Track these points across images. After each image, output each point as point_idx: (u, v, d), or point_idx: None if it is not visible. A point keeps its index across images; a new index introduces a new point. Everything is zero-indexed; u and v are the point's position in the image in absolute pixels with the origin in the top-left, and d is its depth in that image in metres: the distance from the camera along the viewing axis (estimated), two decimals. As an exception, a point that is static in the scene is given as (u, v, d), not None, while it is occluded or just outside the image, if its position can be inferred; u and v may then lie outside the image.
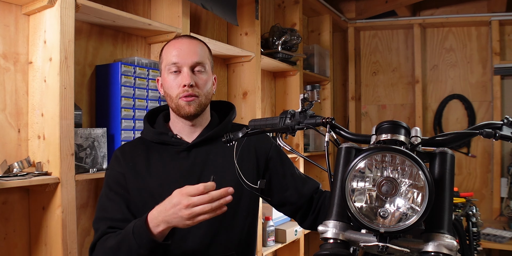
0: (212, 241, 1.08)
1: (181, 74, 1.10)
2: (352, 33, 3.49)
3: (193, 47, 1.12)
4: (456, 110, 3.37)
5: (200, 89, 1.11)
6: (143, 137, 1.19)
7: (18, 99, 1.33)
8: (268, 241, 2.29)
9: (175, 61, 1.10)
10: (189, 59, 1.10)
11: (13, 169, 1.24)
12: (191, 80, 1.09)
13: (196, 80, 1.11)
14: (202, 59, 1.12)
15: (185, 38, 1.16)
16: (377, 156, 0.70)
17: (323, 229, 0.75)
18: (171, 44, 1.14)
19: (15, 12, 1.33)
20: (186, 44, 1.13)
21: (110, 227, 1.04)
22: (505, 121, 0.82)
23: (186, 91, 1.09)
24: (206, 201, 0.86)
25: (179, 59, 1.10)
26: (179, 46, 1.12)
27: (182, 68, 1.10)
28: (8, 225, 1.30)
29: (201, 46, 1.15)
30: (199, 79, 1.11)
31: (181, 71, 1.10)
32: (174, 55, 1.11)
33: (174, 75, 1.11)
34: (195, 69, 1.11)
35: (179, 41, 1.14)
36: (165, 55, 1.13)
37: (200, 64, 1.12)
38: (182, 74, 1.10)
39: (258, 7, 2.24)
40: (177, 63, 1.10)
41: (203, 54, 1.13)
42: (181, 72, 1.10)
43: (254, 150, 1.19)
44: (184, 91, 1.09)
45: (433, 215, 0.69)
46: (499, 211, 3.08)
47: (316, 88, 0.93)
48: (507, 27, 3.19)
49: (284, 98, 2.78)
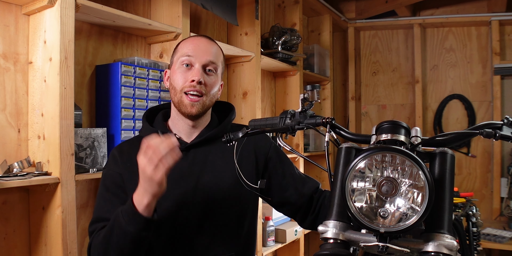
0: (211, 241, 1.08)
1: (192, 69, 1.10)
2: (352, 33, 3.49)
3: (210, 47, 1.13)
4: (456, 110, 3.37)
5: (207, 89, 1.11)
6: (141, 136, 1.18)
7: (18, 99, 1.33)
8: (268, 241, 2.29)
9: (190, 54, 1.10)
10: (203, 57, 1.10)
11: (13, 169, 1.24)
12: (201, 76, 1.08)
13: (206, 79, 1.10)
14: (216, 60, 1.12)
15: (205, 38, 1.16)
16: (377, 156, 0.70)
17: (323, 229, 0.75)
18: (190, 39, 1.15)
19: (15, 12, 1.33)
20: (204, 43, 1.13)
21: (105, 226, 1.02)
22: (505, 121, 0.82)
23: (193, 87, 1.08)
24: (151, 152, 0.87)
25: (194, 53, 1.10)
26: (197, 42, 1.13)
27: (195, 63, 1.10)
28: (8, 225, 1.30)
29: (217, 49, 1.16)
30: (209, 79, 1.11)
31: (193, 66, 1.10)
32: (190, 49, 1.11)
33: (185, 69, 1.11)
34: (207, 68, 1.11)
35: (198, 38, 1.15)
36: (181, 48, 1.14)
37: (213, 64, 1.12)
38: (193, 69, 1.10)
39: (258, 7, 2.24)
40: (191, 56, 1.10)
41: (217, 57, 1.14)
42: (193, 66, 1.10)
43: (253, 150, 1.18)
44: (191, 86, 1.08)
45: (433, 215, 0.69)
46: (499, 211, 3.08)
47: (316, 88, 0.93)
48: (507, 27, 3.19)
49: (284, 98, 2.78)
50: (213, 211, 1.08)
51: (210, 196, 1.08)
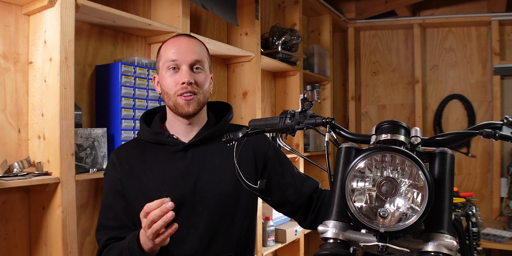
0: (210, 241, 1.08)
1: (179, 72, 1.10)
2: (352, 33, 3.49)
3: (192, 46, 1.12)
4: (456, 110, 3.37)
5: (199, 87, 1.11)
6: (139, 138, 1.19)
7: (18, 99, 1.33)
8: (268, 241, 2.29)
9: (174, 58, 1.09)
10: (188, 57, 1.10)
11: (13, 169, 1.24)
12: (190, 77, 1.08)
13: (195, 77, 1.10)
14: (201, 57, 1.12)
15: (184, 36, 1.15)
16: (377, 156, 0.70)
17: (323, 229, 0.75)
18: (170, 42, 1.14)
19: (15, 12, 1.33)
20: (185, 42, 1.12)
21: (110, 238, 1.07)
22: (505, 121, 0.82)
23: (185, 88, 1.08)
24: (152, 219, 0.89)
25: (178, 56, 1.09)
26: (178, 44, 1.12)
27: (181, 65, 1.09)
28: (8, 225, 1.30)
29: (199, 45, 1.15)
30: (198, 77, 1.11)
31: (180, 69, 1.10)
32: (173, 53, 1.10)
33: (172, 72, 1.10)
34: (194, 67, 1.11)
35: (178, 39, 1.14)
36: (164, 53, 1.13)
37: (199, 62, 1.11)
38: (181, 71, 1.09)
39: (258, 7, 2.24)
40: (176, 60, 1.09)
41: (202, 53, 1.13)
42: (180, 69, 1.10)
43: (252, 150, 1.18)
44: (182, 88, 1.08)
45: (433, 215, 0.69)
46: (499, 211, 3.08)
47: (316, 88, 0.93)
48: (507, 27, 3.19)
49: (284, 98, 2.78)
50: (212, 211, 1.08)
51: (209, 196, 1.09)
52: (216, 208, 1.09)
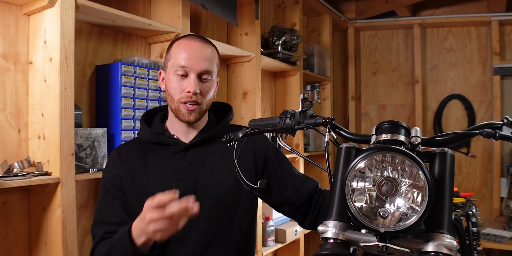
0: (211, 241, 1.08)
1: (187, 79, 1.08)
2: (352, 33, 3.49)
3: (204, 52, 1.10)
4: (456, 110, 3.37)
5: (203, 97, 1.10)
6: (139, 138, 1.19)
7: (18, 99, 1.33)
8: (268, 241, 2.29)
9: (184, 65, 1.07)
10: (198, 66, 1.08)
11: (13, 169, 1.24)
12: (196, 88, 1.07)
13: (202, 88, 1.09)
14: (210, 67, 1.10)
15: (198, 40, 1.12)
16: (377, 156, 0.70)
17: (323, 229, 0.75)
18: (183, 44, 1.11)
19: (15, 12, 1.33)
20: (198, 49, 1.09)
21: (107, 232, 1.04)
22: (505, 121, 0.82)
23: (189, 97, 1.07)
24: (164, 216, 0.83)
25: (188, 63, 1.07)
26: (190, 49, 1.09)
27: (190, 73, 1.08)
28: (8, 225, 1.30)
29: (212, 51, 1.13)
30: (204, 87, 1.10)
31: (188, 76, 1.08)
32: (183, 58, 1.08)
33: (180, 78, 1.09)
34: (202, 76, 1.09)
35: (191, 44, 1.10)
36: (174, 54, 1.10)
37: (208, 72, 1.10)
38: (189, 80, 1.08)
39: (258, 7, 2.24)
40: (185, 67, 1.07)
41: (212, 60, 1.11)
42: (188, 77, 1.08)
43: (252, 150, 1.18)
44: (187, 97, 1.07)
45: (433, 215, 0.69)
46: (499, 211, 3.08)
47: (316, 88, 0.93)
48: (507, 27, 3.19)
49: (284, 98, 2.78)
50: (213, 211, 1.08)
51: (210, 196, 1.09)
52: (217, 208, 1.09)
